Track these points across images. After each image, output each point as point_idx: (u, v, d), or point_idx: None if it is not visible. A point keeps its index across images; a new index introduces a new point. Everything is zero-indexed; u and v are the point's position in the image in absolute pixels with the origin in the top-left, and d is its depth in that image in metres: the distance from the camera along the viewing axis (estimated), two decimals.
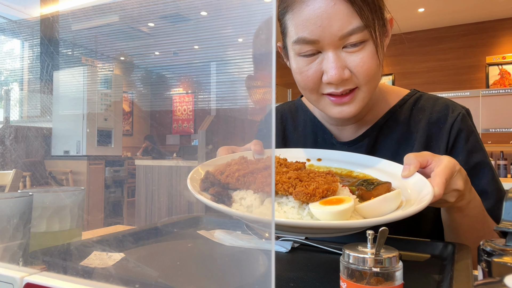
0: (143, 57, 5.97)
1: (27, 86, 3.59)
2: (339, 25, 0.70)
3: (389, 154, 0.86)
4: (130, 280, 0.54)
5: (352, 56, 0.73)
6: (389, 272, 0.36)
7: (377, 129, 0.88)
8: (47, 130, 3.87)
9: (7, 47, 3.44)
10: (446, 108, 0.87)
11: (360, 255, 0.37)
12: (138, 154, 6.56)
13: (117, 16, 3.95)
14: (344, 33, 0.70)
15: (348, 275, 0.38)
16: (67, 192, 0.71)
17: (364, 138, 0.88)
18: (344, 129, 0.91)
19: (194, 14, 4.44)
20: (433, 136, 0.85)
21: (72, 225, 0.71)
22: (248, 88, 6.28)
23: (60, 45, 3.30)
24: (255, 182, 0.58)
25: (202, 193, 0.62)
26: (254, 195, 0.59)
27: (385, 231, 0.38)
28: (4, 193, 0.71)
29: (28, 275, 0.43)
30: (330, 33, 0.70)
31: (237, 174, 0.61)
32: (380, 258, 0.36)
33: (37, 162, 3.83)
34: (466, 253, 0.60)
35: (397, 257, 0.37)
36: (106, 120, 4.51)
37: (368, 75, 0.73)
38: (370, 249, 0.38)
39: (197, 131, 5.13)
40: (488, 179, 0.82)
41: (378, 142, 0.88)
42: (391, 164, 0.71)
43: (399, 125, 0.88)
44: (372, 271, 0.36)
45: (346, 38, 0.71)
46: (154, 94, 7.91)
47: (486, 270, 0.39)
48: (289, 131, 0.98)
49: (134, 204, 4.54)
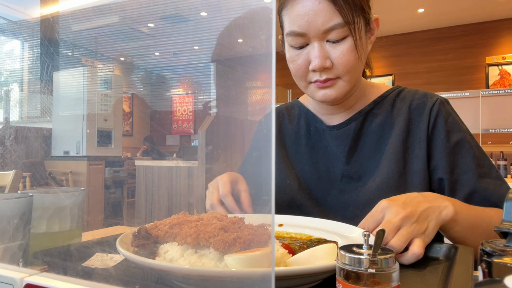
0: (143, 57, 5.97)
1: (27, 86, 3.60)
2: (323, 21, 0.82)
3: (374, 136, 0.95)
4: (130, 281, 0.54)
5: (334, 48, 0.84)
6: (385, 273, 0.36)
7: (363, 115, 0.97)
8: (47, 131, 3.87)
9: (7, 47, 3.44)
10: (425, 96, 0.95)
11: (356, 256, 0.37)
12: (138, 155, 6.56)
13: (117, 17, 3.95)
14: (327, 27, 0.82)
15: (344, 276, 0.37)
16: (67, 192, 0.71)
17: (351, 122, 0.96)
18: (334, 118, 0.99)
19: (194, 15, 4.44)
20: (413, 120, 0.93)
21: (72, 225, 0.71)
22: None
23: (60, 46, 3.31)
24: (180, 233, 0.55)
25: (130, 247, 0.57)
26: (177, 247, 0.54)
27: (381, 233, 0.38)
28: (4, 193, 0.71)
29: (28, 275, 0.43)
30: (315, 27, 0.82)
31: (166, 227, 0.57)
32: (376, 259, 0.36)
33: (37, 163, 3.84)
34: (467, 254, 0.59)
35: (394, 258, 0.37)
36: (106, 121, 4.51)
37: (347, 66, 0.84)
38: (366, 250, 0.38)
39: (197, 131, 5.13)
40: (469, 156, 0.87)
41: (364, 126, 0.96)
42: (351, 228, 0.70)
43: (383, 112, 0.96)
44: (368, 273, 0.36)
45: (328, 32, 0.82)
46: (154, 94, 7.92)
47: (486, 270, 0.39)
48: (285, 124, 1.08)
49: (134, 205, 4.54)
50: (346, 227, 0.72)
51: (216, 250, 0.50)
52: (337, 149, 0.96)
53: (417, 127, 0.92)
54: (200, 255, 0.52)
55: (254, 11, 1.28)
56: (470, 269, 0.51)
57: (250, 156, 1.16)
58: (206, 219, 0.59)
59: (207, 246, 0.52)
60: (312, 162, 0.99)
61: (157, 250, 0.56)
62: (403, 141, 0.91)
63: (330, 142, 0.98)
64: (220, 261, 0.50)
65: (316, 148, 1.00)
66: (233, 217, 0.60)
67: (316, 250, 0.52)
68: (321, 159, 0.99)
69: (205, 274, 0.46)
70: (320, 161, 0.98)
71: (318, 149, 1.00)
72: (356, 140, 0.96)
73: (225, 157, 3.91)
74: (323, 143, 1.00)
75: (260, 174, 1.00)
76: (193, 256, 0.52)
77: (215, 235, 0.52)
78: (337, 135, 0.97)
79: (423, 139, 0.90)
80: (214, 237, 0.51)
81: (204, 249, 0.53)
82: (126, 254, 0.51)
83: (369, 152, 0.94)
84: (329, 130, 0.99)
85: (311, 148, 1.01)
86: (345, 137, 0.96)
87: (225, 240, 0.50)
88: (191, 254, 0.53)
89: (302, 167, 1.00)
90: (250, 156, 1.16)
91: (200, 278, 0.48)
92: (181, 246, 0.54)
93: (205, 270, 0.48)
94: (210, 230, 0.53)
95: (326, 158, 0.98)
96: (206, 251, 0.52)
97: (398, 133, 0.92)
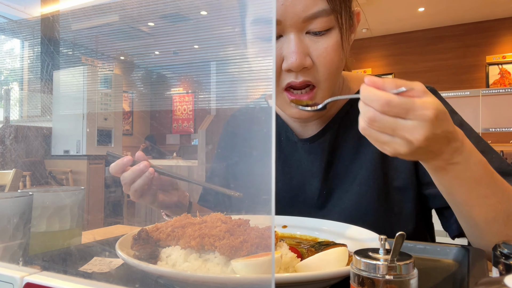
0: (143, 56, 5.97)
1: (27, 85, 3.59)
2: (303, 5, 0.64)
3: (351, 147, 0.81)
4: (130, 280, 0.54)
5: (315, 43, 0.67)
6: (403, 280, 0.33)
7: (338, 121, 0.82)
8: (47, 130, 3.87)
9: (7, 46, 3.44)
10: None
11: (372, 262, 0.34)
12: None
13: (117, 16, 3.95)
14: (309, 14, 0.64)
15: (359, 282, 0.35)
16: (67, 192, 0.71)
17: (325, 133, 0.81)
18: (307, 126, 0.84)
19: (194, 14, 4.44)
20: None
21: (72, 224, 0.70)
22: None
23: (60, 45, 3.31)
24: (183, 236, 0.52)
25: (130, 251, 0.56)
26: (180, 251, 0.52)
27: (401, 237, 0.35)
28: (4, 192, 0.71)
29: (28, 274, 0.43)
30: (293, 12, 0.64)
31: (168, 229, 0.55)
32: (395, 265, 0.33)
33: (37, 162, 3.84)
34: (480, 257, 0.56)
35: (413, 263, 0.34)
36: (106, 120, 4.51)
37: (330, 68, 0.68)
38: (383, 255, 0.35)
39: (197, 130, 5.13)
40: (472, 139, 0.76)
41: (339, 135, 0.82)
42: (359, 230, 0.66)
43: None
44: (385, 279, 0.33)
45: (310, 21, 0.65)
46: (154, 93, 7.91)
47: (504, 272, 0.38)
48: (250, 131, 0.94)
49: (134, 204, 4.54)
50: (356, 229, 0.68)
51: (222, 254, 0.48)
52: (312, 165, 0.83)
53: None
54: (204, 259, 0.50)
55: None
56: (486, 273, 0.49)
57: (218, 159, 1.03)
58: (210, 222, 0.57)
59: (212, 250, 0.50)
60: (286, 178, 0.86)
61: (158, 254, 0.54)
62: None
63: (304, 157, 0.85)
64: (226, 266, 0.48)
65: (289, 162, 0.86)
66: (238, 219, 0.58)
67: (326, 255, 0.50)
68: (295, 175, 0.85)
69: (209, 281, 0.45)
70: (294, 177, 0.86)
71: (291, 163, 0.86)
72: (333, 154, 0.82)
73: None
74: (295, 157, 0.86)
75: (260, 174, 0.93)
76: (198, 260, 0.50)
77: (221, 238, 0.50)
78: (311, 150, 0.83)
79: None
80: (220, 241, 0.49)
81: (209, 253, 0.51)
82: (126, 259, 0.50)
83: (347, 163, 0.81)
84: (301, 143, 0.84)
85: (283, 162, 0.87)
86: (320, 152, 0.82)
87: (231, 244, 0.48)
88: (195, 258, 0.50)
89: (275, 184, 0.89)
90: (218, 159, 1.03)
91: (204, 284, 0.46)
92: (184, 250, 0.52)
93: (210, 276, 0.46)
94: (215, 233, 0.51)
95: (301, 174, 0.85)
96: (211, 255, 0.50)
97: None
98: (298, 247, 0.61)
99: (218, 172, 0.99)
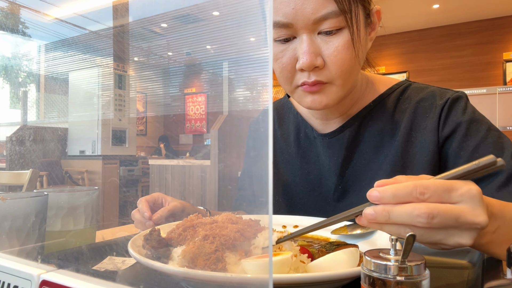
0: (156, 57, 6.02)
1: (43, 87, 3.66)
2: (313, 8, 0.67)
3: (372, 146, 0.82)
4: (142, 280, 0.55)
5: (327, 43, 0.70)
6: (415, 281, 0.33)
7: (359, 120, 0.84)
8: (63, 131, 3.94)
9: (24, 49, 3.51)
10: (433, 96, 0.81)
11: (383, 262, 0.34)
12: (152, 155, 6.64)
13: (131, 17, 3.99)
14: (318, 16, 0.67)
15: (370, 283, 0.35)
16: (81, 191, 0.72)
17: (345, 129, 0.84)
18: (329, 124, 0.87)
19: (206, 15, 4.46)
20: (417, 128, 0.79)
21: (86, 224, 0.72)
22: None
23: (75, 47, 3.36)
24: (194, 236, 0.53)
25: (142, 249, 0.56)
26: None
27: (412, 237, 0.35)
28: (21, 192, 0.73)
29: (45, 272, 0.44)
30: (303, 15, 0.68)
31: (180, 229, 0.55)
32: (406, 266, 0.33)
33: (54, 162, 3.91)
34: (494, 259, 0.55)
35: (424, 264, 0.34)
36: (121, 121, 4.57)
37: (342, 66, 0.70)
38: (394, 255, 0.35)
39: (209, 130, 5.15)
40: (505, 156, 0.73)
41: (360, 133, 0.83)
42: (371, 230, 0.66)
43: (384, 116, 0.83)
44: (396, 280, 0.33)
45: (320, 22, 0.68)
46: (167, 94, 7.97)
47: None
48: (275, 128, 0.96)
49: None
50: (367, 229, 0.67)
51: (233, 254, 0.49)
52: (329, 160, 0.85)
53: (421, 137, 0.78)
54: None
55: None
56: (501, 274, 0.48)
57: (248, 159, 1.07)
58: (220, 221, 0.57)
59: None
60: (303, 173, 0.89)
61: (170, 253, 0.55)
62: (402, 152, 0.78)
63: (322, 152, 0.87)
64: (236, 266, 0.48)
65: (307, 157, 0.89)
66: (249, 220, 0.58)
67: (337, 255, 0.49)
68: (312, 170, 0.88)
69: (217, 280, 0.45)
70: (311, 172, 0.88)
71: (309, 158, 0.89)
72: (351, 150, 0.83)
73: (237, 156, 3.92)
74: (314, 152, 0.88)
75: (259, 174, 0.93)
76: None
77: (232, 238, 0.50)
78: (329, 145, 0.85)
79: (431, 151, 0.76)
80: (230, 241, 0.50)
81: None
82: (139, 258, 0.50)
83: (366, 161, 0.82)
84: (321, 138, 0.87)
85: (302, 158, 0.90)
86: (338, 147, 0.84)
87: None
88: None
89: (293, 179, 0.90)
90: (248, 159, 1.07)
91: (216, 284, 0.46)
92: None
93: (217, 275, 0.46)
94: (226, 233, 0.51)
95: (318, 169, 0.87)
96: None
97: (399, 143, 0.79)
98: (309, 247, 0.61)
99: (249, 172, 1.03)
